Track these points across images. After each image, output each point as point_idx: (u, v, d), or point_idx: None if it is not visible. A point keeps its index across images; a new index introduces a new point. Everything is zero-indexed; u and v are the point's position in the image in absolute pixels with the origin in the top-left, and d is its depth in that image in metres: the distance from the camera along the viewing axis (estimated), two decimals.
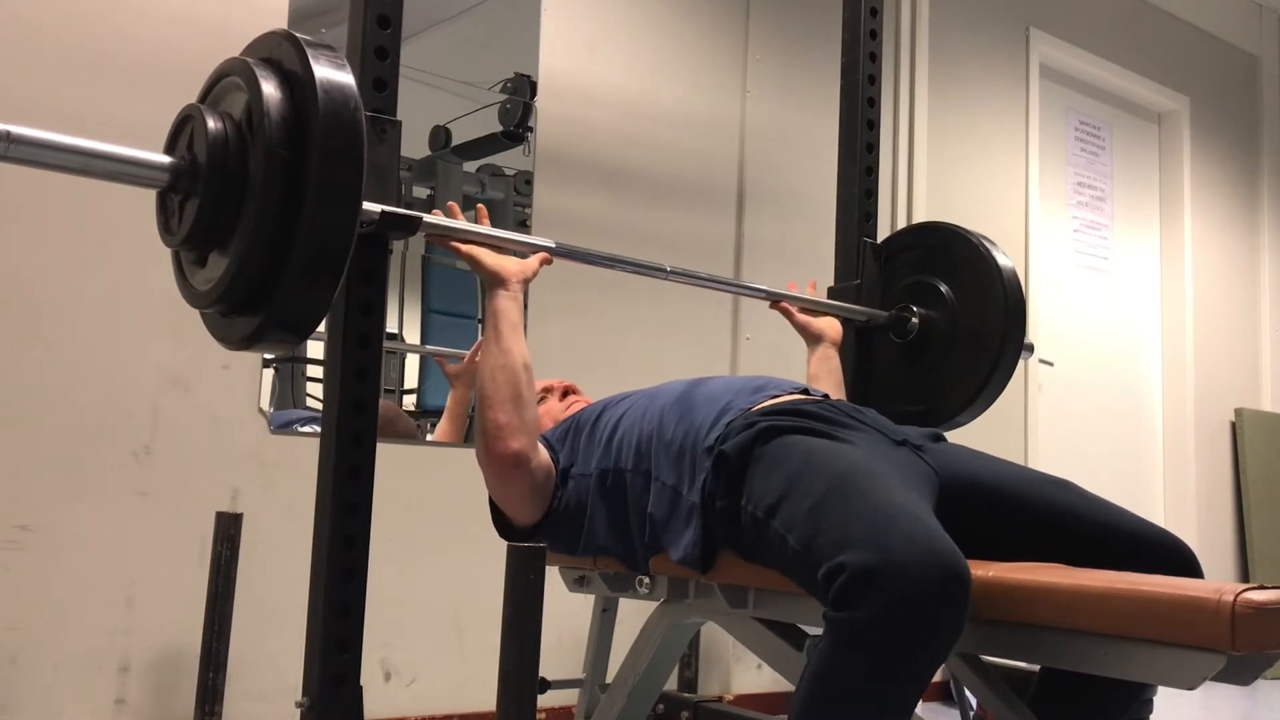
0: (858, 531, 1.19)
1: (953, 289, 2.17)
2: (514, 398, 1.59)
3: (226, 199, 1.28)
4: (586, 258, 1.91)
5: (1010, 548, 1.43)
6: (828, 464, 1.35)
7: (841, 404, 1.61)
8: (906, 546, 1.14)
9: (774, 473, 1.39)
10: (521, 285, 1.67)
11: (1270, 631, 1.05)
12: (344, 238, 1.26)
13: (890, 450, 1.48)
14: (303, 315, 1.31)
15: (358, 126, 1.26)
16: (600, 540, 1.67)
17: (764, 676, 3.15)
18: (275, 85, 1.27)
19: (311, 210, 1.23)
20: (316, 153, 1.23)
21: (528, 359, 1.62)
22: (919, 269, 2.24)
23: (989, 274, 2.12)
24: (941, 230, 2.26)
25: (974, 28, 4.04)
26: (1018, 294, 2.12)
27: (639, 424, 1.64)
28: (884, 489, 1.27)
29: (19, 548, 2.14)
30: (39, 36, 2.21)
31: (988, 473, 1.53)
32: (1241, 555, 4.68)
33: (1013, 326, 2.09)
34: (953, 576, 1.13)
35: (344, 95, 1.25)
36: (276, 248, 1.25)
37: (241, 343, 1.35)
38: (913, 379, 2.21)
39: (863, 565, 1.14)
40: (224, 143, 1.28)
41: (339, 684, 1.57)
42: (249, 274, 1.27)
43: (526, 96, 2.93)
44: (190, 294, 1.40)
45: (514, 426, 1.59)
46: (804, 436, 1.43)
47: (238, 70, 1.31)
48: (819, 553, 1.22)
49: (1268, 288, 5.09)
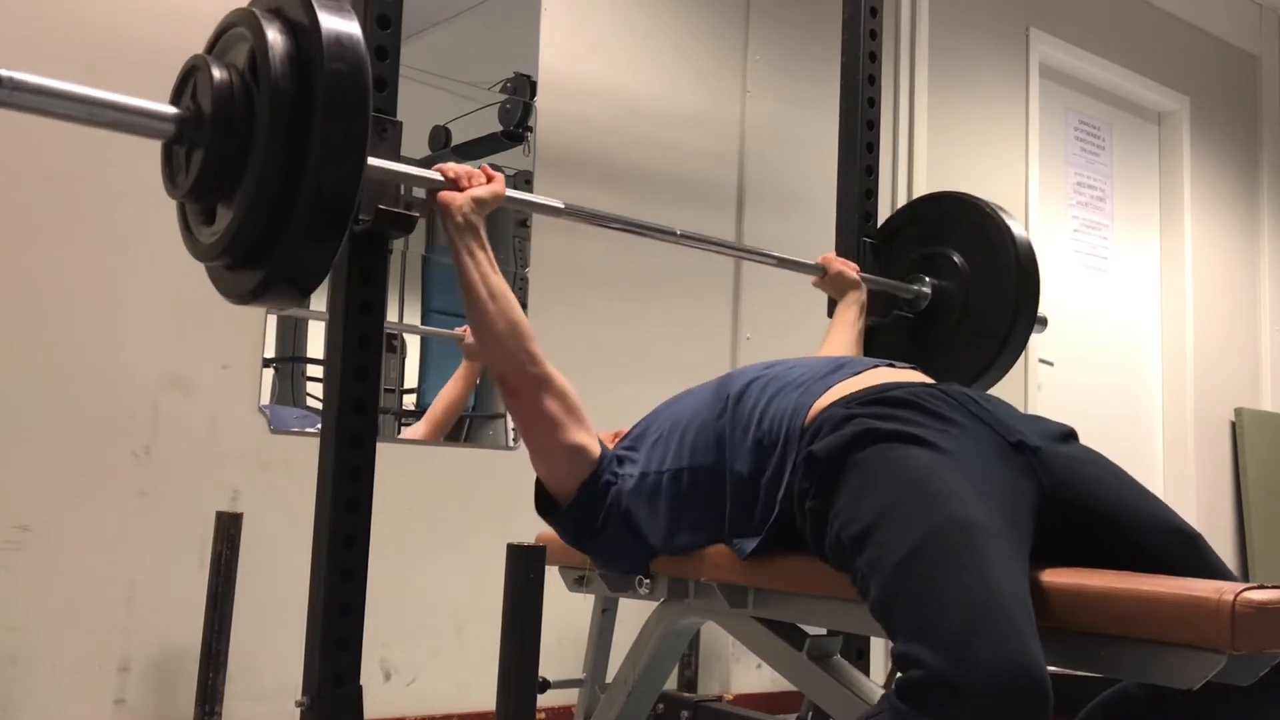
0: (942, 624, 1.08)
1: (966, 258, 2.12)
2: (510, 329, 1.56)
3: (231, 149, 1.26)
4: (595, 218, 1.89)
5: (1088, 566, 1.29)
6: (923, 505, 1.20)
7: (953, 390, 1.42)
8: (993, 664, 1.04)
9: (865, 495, 1.26)
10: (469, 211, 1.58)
11: (1270, 631, 1.05)
12: (349, 187, 1.25)
13: (998, 464, 1.30)
14: (308, 268, 1.30)
15: (363, 73, 1.24)
16: (683, 540, 1.56)
17: (764, 676, 3.15)
18: (279, 32, 1.26)
19: (317, 159, 1.22)
20: (321, 98, 1.22)
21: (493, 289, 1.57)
22: (929, 239, 2.19)
23: (1001, 241, 2.06)
24: (952, 199, 2.21)
25: (974, 28, 4.04)
26: (1030, 261, 2.05)
27: (713, 416, 1.55)
28: (980, 561, 1.13)
29: (19, 548, 2.14)
30: (39, 37, 2.21)
31: (1108, 502, 1.33)
32: (1241, 555, 4.68)
33: (1026, 294, 2.04)
34: (1035, 703, 1.04)
35: (349, 41, 1.24)
36: (282, 198, 1.24)
37: (247, 296, 1.34)
38: (924, 349, 2.15)
39: (942, 674, 1.04)
40: (229, 92, 1.27)
41: (339, 683, 1.58)
42: (254, 226, 1.26)
43: (526, 96, 2.93)
44: (195, 248, 1.38)
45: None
46: (903, 447, 1.28)
47: (243, 20, 1.31)
48: (897, 622, 1.14)
49: (1268, 288, 5.09)
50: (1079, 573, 1.21)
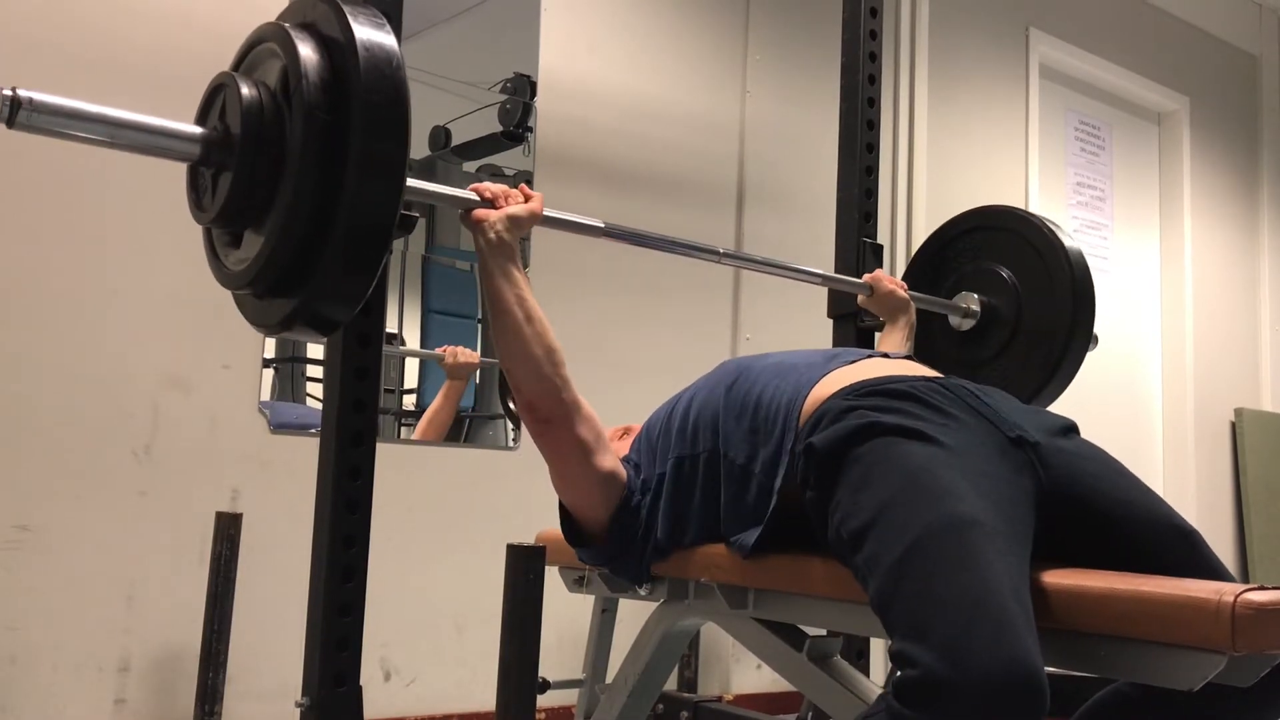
0: (938, 623, 1.08)
1: (1016, 275, 2.05)
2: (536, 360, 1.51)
3: (262, 171, 1.19)
4: (638, 239, 1.81)
5: (1085, 563, 1.29)
6: (921, 502, 1.19)
7: (951, 383, 1.42)
8: (988, 662, 1.04)
9: (864, 490, 1.25)
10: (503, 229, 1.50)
11: (1270, 632, 1.04)
12: (388, 213, 1.18)
13: (997, 459, 1.29)
14: (342, 298, 1.23)
15: (403, 91, 1.18)
16: (688, 534, 1.55)
17: (764, 676, 3.15)
18: (313, 48, 1.19)
19: (354, 181, 1.15)
20: (359, 117, 1.14)
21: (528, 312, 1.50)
22: (979, 254, 2.12)
23: (1055, 259, 1.99)
24: (1003, 214, 2.14)
25: (974, 28, 4.04)
26: (1086, 280, 1.98)
27: (709, 403, 1.54)
28: (977, 560, 1.13)
29: (19, 548, 2.14)
30: (39, 38, 2.21)
31: (1107, 498, 1.33)
32: (1241, 555, 4.68)
33: (1081, 314, 1.97)
34: (1030, 704, 1.03)
35: (386, 55, 1.17)
36: (316, 223, 1.17)
37: (276, 327, 1.27)
38: (973, 369, 2.09)
39: (937, 674, 1.04)
40: (259, 111, 1.20)
41: (339, 683, 1.58)
42: (285, 253, 1.18)
43: (526, 96, 2.93)
44: (222, 274, 1.30)
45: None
46: (902, 442, 1.27)
47: (272, 35, 1.24)
48: (893, 621, 1.14)
49: (1268, 288, 5.09)
50: (1079, 573, 1.21)
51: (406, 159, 1.18)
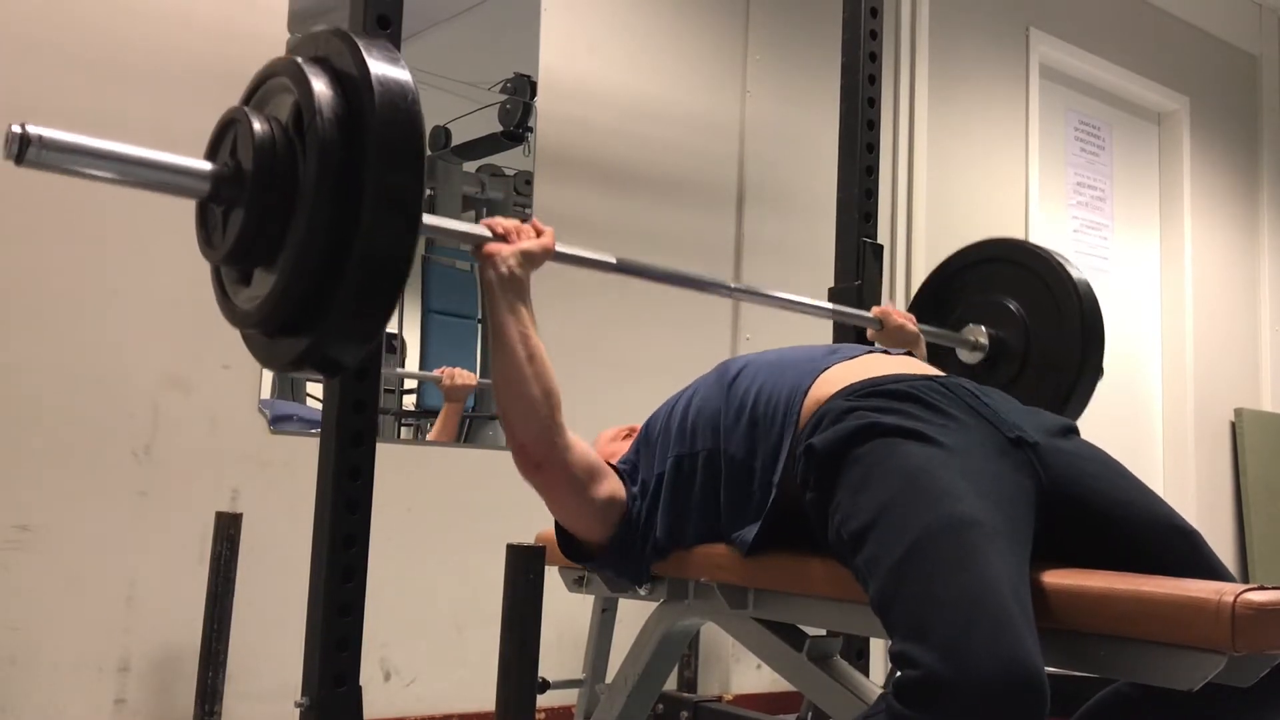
0: (938, 624, 1.08)
1: (1024, 308, 2.05)
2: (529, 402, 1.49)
3: (274, 208, 1.17)
4: (647, 273, 1.81)
5: (1085, 563, 1.29)
6: (920, 503, 1.20)
7: (950, 382, 1.42)
8: (988, 662, 1.04)
9: (863, 491, 1.26)
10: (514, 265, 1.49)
11: (1270, 632, 1.04)
12: (405, 248, 1.15)
13: (996, 460, 1.29)
14: (356, 337, 1.20)
15: (418, 126, 1.15)
16: (689, 533, 1.55)
17: (763, 676, 3.15)
18: (326, 83, 1.17)
19: (370, 217, 1.12)
20: (374, 153, 1.12)
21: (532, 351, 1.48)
22: (987, 287, 2.12)
23: (1064, 291, 1.99)
24: (1010, 246, 2.14)
25: (974, 28, 4.04)
26: (1095, 313, 1.98)
27: (709, 401, 1.55)
28: (976, 560, 1.13)
29: (19, 548, 2.14)
30: (39, 38, 2.21)
31: (1106, 498, 1.33)
32: (1241, 555, 4.68)
33: (1090, 348, 1.97)
34: (1031, 704, 1.04)
35: (401, 90, 1.15)
36: (329, 261, 1.14)
37: (287, 366, 1.24)
38: None
39: (937, 674, 1.05)
40: (271, 147, 1.17)
41: (338, 683, 1.58)
42: (298, 291, 1.16)
43: (526, 96, 2.93)
44: (232, 313, 1.28)
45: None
46: (902, 443, 1.28)
47: (285, 70, 1.21)
48: (894, 622, 1.14)
49: (1268, 288, 5.09)
50: (1079, 573, 1.21)
51: (422, 196, 1.16)
